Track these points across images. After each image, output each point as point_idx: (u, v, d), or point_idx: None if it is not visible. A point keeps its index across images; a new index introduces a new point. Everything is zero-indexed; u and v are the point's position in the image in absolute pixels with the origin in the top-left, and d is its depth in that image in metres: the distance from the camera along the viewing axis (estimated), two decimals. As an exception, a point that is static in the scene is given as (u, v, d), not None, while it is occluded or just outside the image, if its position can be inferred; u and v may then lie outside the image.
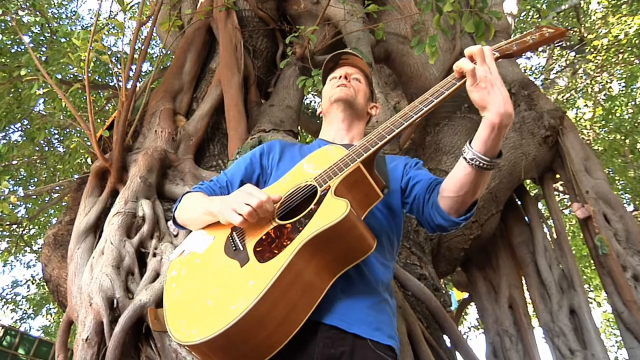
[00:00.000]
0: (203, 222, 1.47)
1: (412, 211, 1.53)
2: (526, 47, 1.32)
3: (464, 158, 1.27)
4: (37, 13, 6.46)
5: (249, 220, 1.26)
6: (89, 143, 3.99)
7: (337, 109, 1.73)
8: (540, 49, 10.11)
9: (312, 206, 1.28)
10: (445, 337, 3.00)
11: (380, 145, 1.32)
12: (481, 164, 1.24)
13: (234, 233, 1.36)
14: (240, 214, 1.26)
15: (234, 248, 1.31)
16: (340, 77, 1.75)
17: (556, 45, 9.07)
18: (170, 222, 2.91)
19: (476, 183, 1.28)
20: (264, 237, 1.28)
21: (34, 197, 8.71)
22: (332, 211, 1.22)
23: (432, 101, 1.30)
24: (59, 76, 5.84)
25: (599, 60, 9.17)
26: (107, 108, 8.37)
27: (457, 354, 2.99)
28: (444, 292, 3.31)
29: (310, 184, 1.37)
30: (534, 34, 1.32)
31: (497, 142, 1.22)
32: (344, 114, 1.72)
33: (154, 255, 2.77)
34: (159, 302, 2.38)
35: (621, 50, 8.94)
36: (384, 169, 1.49)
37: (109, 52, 7.81)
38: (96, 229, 3.12)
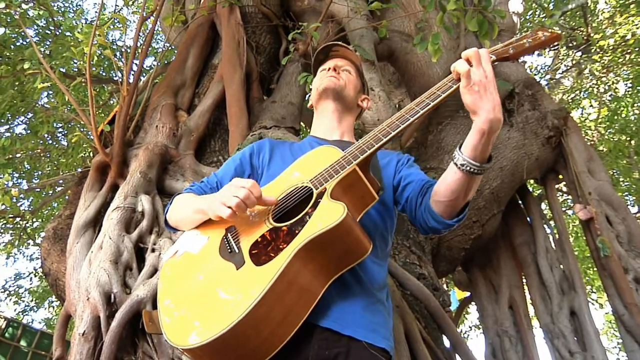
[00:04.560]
0: (194, 221, 1.46)
1: (404, 211, 1.53)
2: (522, 51, 1.31)
3: (455, 164, 1.27)
4: (42, 7, 6.45)
5: (237, 211, 1.25)
6: (91, 137, 4.00)
7: (326, 100, 1.72)
8: (547, 49, 10.05)
9: (308, 209, 1.27)
10: (444, 337, 2.99)
11: (376, 147, 1.31)
12: (471, 169, 1.24)
13: (229, 234, 1.34)
14: (228, 207, 1.25)
15: (229, 250, 1.30)
16: (329, 69, 1.75)
17: (556, 45, 9.00)
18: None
19: (467, 187, 1.29)
20: (259, 239, 1.27)
21: (38, 190, 8.74)
22: (328, 214, 1.21)
23: (428, 104, 1.29)
24: (63, 70, 5.85)
25: (605, 60, 9.10)
26: (111, 102, 8.37)
27: (456, 354, 2.98)
28: (443, 291, 3.30)
29: (306, 186, 1.36)
30: (529, 37, 1.31)
31: (487, 147, 1.22)
32: (334, 104, 1.72)
33: (153, 250, 2.78)
34: (156, 298, 2.37)
35: (628, 51, 8.86)
36: (378, 168, 1.49)
37: (114, 47, 7.82)
38: (95, 223, 3.13)
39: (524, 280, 4.89)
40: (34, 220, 9.08)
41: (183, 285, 1.29)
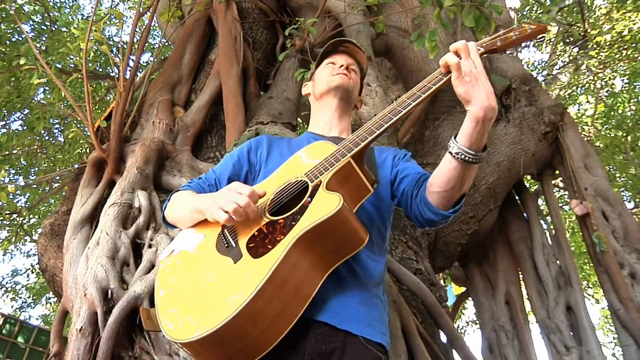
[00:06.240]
0: (192, 220, 1.46)
1: (400, 205, 1.53)
2: (510, 43, 1.32)
3: (450, 152, 1.28)
4: (37, 2, 6.43)
5: (235, 218, 1.26)
6: (87, 133, 3.99)
7: (334, 97, 1.71)
8: (544, 44, 10.07)
9: (304, 201, 1.28)
10: (441, 332, 3.00)
11: (369, 140, 1.32)
12: (467, 158, 1.25)
13: (225, 230, 1.35)
14: (226, 212, 1.25)
15: (226, 245, 1.30)
16: (342, 65, 1.72)
17: (552, 40, 9.00)
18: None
19: (462, 177, 1.29)
20: (256, 233, 1.27)
21: (34, 186, 8.71)
22: (325, 205, 1.22)
23: (419, 96, 1.31)
24: (59, 66, 5.83)
25: (602, 56, 9.11)
26: (107, 98, 8.34)
27: (453, 349, 2.99)
28: (440, 287, 3.30)
29: (301, 180, 1.37)
30: (516, 30, 1.32)
31: (482, 135, 1.24)
32: (340, 102, 1.71)
33: (150, 246, 2.77)
34: (153, 294, 2.37)
35: (625, 47, 8.88)
36: (373, 162, 1.50)
37: (110, 42, 7.79)
38: (92, 219, 3.13)
39: (521, 276, 4.91)
40: (31, 216, 9.06)
41: (180, 282, 1.29)
